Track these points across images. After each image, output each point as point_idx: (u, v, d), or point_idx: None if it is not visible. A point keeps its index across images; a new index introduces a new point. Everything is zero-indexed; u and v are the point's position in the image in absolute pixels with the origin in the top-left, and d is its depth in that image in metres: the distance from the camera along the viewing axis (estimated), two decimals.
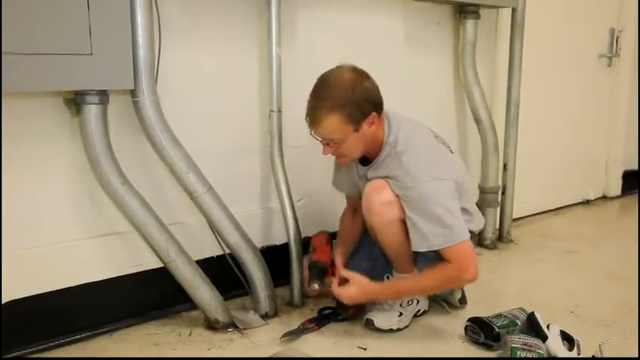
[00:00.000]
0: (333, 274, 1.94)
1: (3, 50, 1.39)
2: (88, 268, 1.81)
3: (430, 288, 1.83)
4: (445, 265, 1.71)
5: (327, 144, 1.74)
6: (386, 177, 1.75)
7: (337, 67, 1.73)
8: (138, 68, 1.63)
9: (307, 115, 1.71)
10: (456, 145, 2.78)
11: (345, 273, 1.83)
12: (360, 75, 1.70)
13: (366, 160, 1.83)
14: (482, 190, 2.72)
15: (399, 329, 1.86)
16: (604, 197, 3.66)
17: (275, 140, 2.00)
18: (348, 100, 1.66)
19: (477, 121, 2.64)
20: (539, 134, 3.07)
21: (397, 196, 1.73)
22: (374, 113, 1.70)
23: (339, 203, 2.11)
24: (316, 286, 1.88)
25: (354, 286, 1.79)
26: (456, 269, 1.71)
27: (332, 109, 1.66)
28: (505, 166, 2.74)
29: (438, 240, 1.68)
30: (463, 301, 2.03)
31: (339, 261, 1.94)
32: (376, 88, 1.73)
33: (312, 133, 1.73)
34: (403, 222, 1.74)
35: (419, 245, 1.71)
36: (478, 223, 1.93)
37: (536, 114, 2.98)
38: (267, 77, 1.98)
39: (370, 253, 1.99)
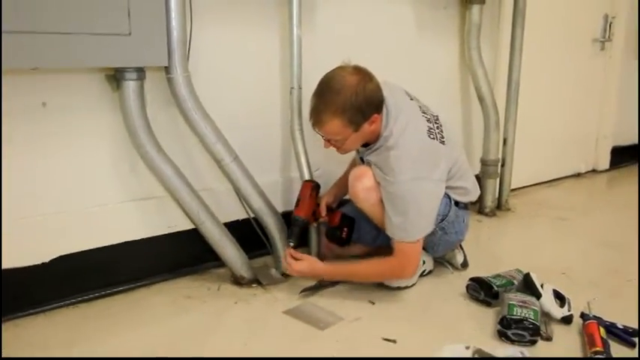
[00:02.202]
0: (316, 220, 1.93)
1: (52, 30, 1.40)
2: (129, 228, 1.83)
3: (374, 276, 1.83)
4: (390, 260, 1.73)
5: (328, 140, 1.73)
6: (375, 164, 1.73)
7: (340, 68, 1.66)
8: (172, 47, 1.62)
9: (311, 115, 1.67)
10: (459, 121, 2.77)
11: (297, 255, 1.80)
12: (363, 78, 1.62)
13: (365, 143, 1.80)
14: (484, 163, 2.70)
15: (406, 287, 1.87)
16: (594, 171, 3.62)
17: (295, 114, 1.99)
18: (350, 105, 1.60)
19: (480, 98, 2.61)
20: (537, 112, 3.02)
21: (378, 182, 1.72)
22: (375, 115, 1.66)
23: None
24: (291, 243, 1.82)
25: (306, 263, 1.79)
26: (398, 264, 1.74)
27: (335, 113, 1.61)
28: (505, 140, 2.71)
29: (400, 233, 1.69)
30: (465, 264, 2.03)
31: (324, 203, 1.91)
32: (378, 89, 1.66)
33: (315, 129, 1.71)
34: None
35: (386, 229, 1.72)
36: (473, 195, 1.92)
37: (535, 93, 2.93)
38: (288, 56, 1.96)
39: (359, 225, 1.99)
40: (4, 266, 1.60)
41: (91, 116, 1.69)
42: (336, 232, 1.95)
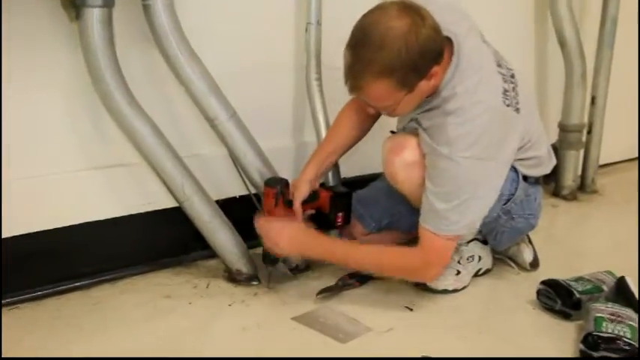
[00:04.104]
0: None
1: None
2: (91, 204, 1.82)
3: (387, 268, 1.79)
4: (411, 252, 1.73)
5: (373, 106, 1.69)
6: (426, 129, 1.67)
7: (380, 8, 1.56)
8: None
9: (346, 78, 1.61)
10: (532, 73, 2.76)
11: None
12: (414, 20, 1.51)
13: None
14: (563, 128, 2.69)
15: (455, 290, 1.86)
16: None
17: (312, 59, 1.99)
18: (399, 63, 1.52)
19: (561, 43, 2.58)
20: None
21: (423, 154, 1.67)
22: (435, 68, 1.58)
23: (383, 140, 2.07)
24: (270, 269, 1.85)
25: (287, 232, 1.74)
26: (421, 261, 1.71)
27: (379, 76, 1.54)
28: (593, 99, 2.70)
29: (439, 223, 1.63)
30: (535, 264, 2.02)
31: (298, 202, 1.81)
32: (436, 31, 1.56)
33: (352, 94, 1.67)
34: None
35: (421, 213, 1.67)
36: (548, 166, 1.90)
37: (636, 36, 2.88)
38: None
39: (393, 208, 1.97)
40: None
41: (42, 54, 1.66)
42: (329, 220, 1.92)
